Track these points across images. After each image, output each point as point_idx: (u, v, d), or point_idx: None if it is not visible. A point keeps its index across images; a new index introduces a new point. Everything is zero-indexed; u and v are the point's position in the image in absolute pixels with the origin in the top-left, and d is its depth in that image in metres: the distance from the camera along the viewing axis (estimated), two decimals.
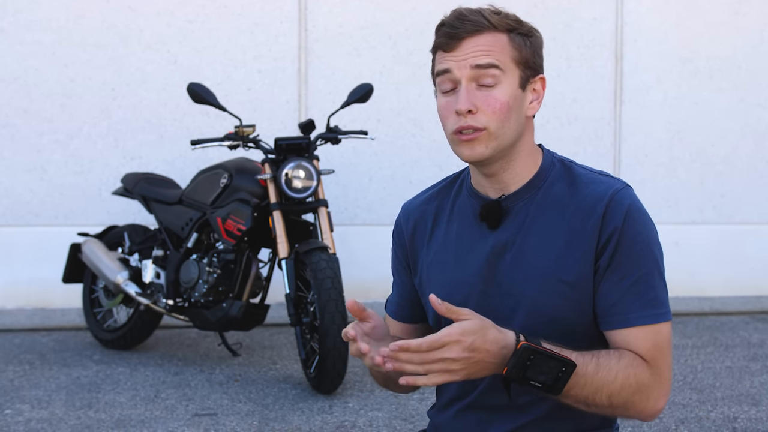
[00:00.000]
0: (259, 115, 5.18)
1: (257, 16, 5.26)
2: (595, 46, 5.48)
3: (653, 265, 1.53)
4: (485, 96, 1.52)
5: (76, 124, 5.18)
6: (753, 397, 3.63)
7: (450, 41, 1.53)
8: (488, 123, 1.52)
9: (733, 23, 5.56)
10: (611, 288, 1.51)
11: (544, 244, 1.55)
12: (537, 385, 1.43)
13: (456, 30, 1.53)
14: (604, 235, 1.51)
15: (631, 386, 1.48)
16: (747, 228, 5.64)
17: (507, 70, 1.53)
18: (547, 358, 1.43)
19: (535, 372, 1.43)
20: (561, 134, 5.44)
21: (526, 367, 1.43)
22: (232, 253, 3.93)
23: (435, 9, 5.33)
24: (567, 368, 1.44)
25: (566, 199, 1.56)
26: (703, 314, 5.15)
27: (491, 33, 1.53)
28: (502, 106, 1.52)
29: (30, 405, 3.52)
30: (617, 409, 1.50)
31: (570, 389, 1.46)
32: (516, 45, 1.54)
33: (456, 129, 1.53)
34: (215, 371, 3.99)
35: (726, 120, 5.60)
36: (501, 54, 1.53)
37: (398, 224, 1.74)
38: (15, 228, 5.21)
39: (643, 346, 1.50)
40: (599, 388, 1.47)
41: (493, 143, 1.53)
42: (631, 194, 1.55)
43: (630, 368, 1.49)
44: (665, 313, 1.52)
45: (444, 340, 1.38)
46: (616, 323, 1.52)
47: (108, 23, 5.16)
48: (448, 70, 1.53)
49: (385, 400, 3.57)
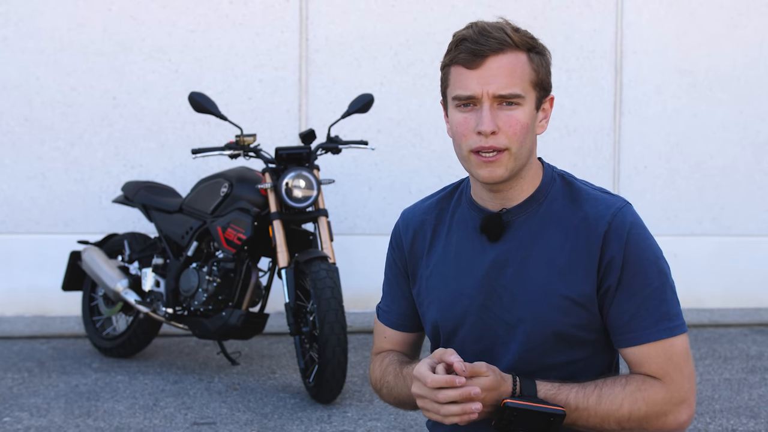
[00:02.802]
0: (260, 125, 5.19)
1: (258, 25, 5.28)
2: (594, 58, 5.50)
3: (662, 279, 1.54)
4: (507, 117, 1.51)
5: (77, 132, 5.19)
6: (751, 409, 3.63)
7: (474, 58, 1.50)
8: (509, 144, 1.52)
9: (732, 36, 5.58)
10: (622, 307, 1.52)
11: (546, 260, 1.56)
12: None
13: (480, 47, 1.50)
14: (608, 255, 1.52)
15: (641, 410, 1.49)
16: (746, 240, 5.65)
17: (527, 95, 1.53)
18: (531, 414, 1.45)
19: (521, 425, 1.46)
20: (561, 145, 5.45)
21: (510, 422, 1.46)
22: (232, 262, 3.94)
23: (436, 20, 5.36)
24: (555, 418, 1.46)
25: (568, 215, 1.57)
26: (701, 326, 5.16)
27: (513, 52, 1.52)
28: (523, 128, 1.53)
29: (29, 413, 3.52)
30: (633, 430, 1.51)
31: (575, 422, 1.49)
32: (534, 66, 1.54)
33: (476, 148, 1.52)
34: (214, 380, 3.99)
35: (725, 132, 5.61)
36: (522, 79, 1.52)
37: (397, 231, 1.74)
38: (15, 235, 5.21)
39: (656, 363, 1.51)
40: (605, 418, 1.49)
41: (512, 164, 1.54)
42: (632, 212, 1.56)
43: (637, 393, 1.49)
44: (679, 326, 1.53)
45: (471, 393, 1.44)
46: (630, 341, 1.53)
47: (110, 32, 5.18)
48: (472, 96, 1.51)
49: (384, 410, 3.57)
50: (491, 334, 1.58)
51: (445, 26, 5.30)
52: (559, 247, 1.55)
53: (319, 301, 3.52)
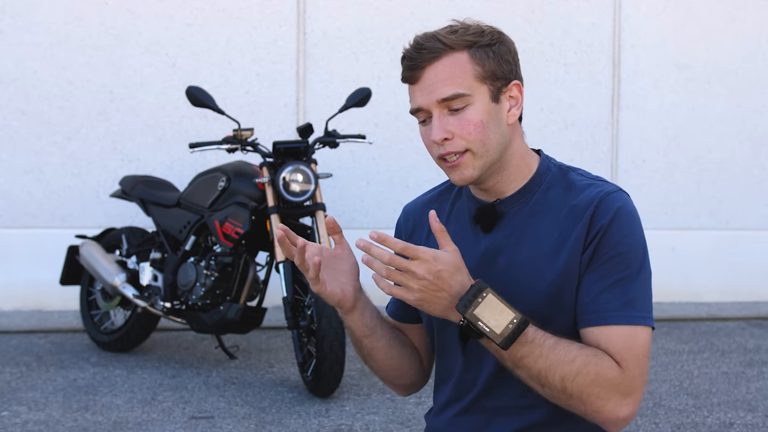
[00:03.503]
0: (258, 119, 5.19)
1: (256, 19, 5.27)
2: (592, 52, 5.49)
3: (637, 269, 1.50)
4: (458, 120, 1.52)
5: (74, 127, 5.19)
6: (749, 402, 3.64)
7: (412, 73, 1.54)
8: (468, 145, 1.53)
9: (730, 30, 5.58)
10: (590, 286, 1.50)
11: (535, 248, 1.56)
12: (485, 329, 1.41)
13: (414, 61, 1.53)
14: (591, 233, 1.51)
15: (589, 374, 1.44)
16: (743, 234, 5.66)
17: (474, 91, 1.52)
18: (499, 302, 1.41)
19: (484, 313, 1.41)
20: (558, 139, 5.45)
21: (476, 305, 1.41)
22: (229, 256, 3.93)
23: (433, 14, 5.35)
24: (518, 321, 1.41)
25: (560, 204, 1.57)
26: (699, 320, 5.16)
27: (450, 55, 1.52)
28: (476, 127, 1.52)
29: (27, 407, 3.52)
30: (572, 399, 1.45)
31: (522, 357, 1.44)
32: (478, 60, 1.53)
33: (438, 156, 1.56)
34: (212, 374, 3.99)
35: (723, 126, 5.61)
36: (463, 77, 1.51)
37: (398, 226, 1.77)
38: (12, 230, 5.21)
39: (614, 347, 1.46)
40: (553, 365, 1.43)
41: (479, 162, 1.54)
42: (624, 198, 1.54)
43: (592, 357, 1.45)
44: (644, 318, 1.49)
45: (418, 253, 1.40)
46: (591, 321, 1.49)
47: (106, 26, 5.17)
48: (419, 107, 1.54)
49: (381, 404, 3.57)
50: None
51: (443, 20, 5.26)
52: (548, 235, 1.55)
53: (317, 295, 3.52)
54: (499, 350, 1.44)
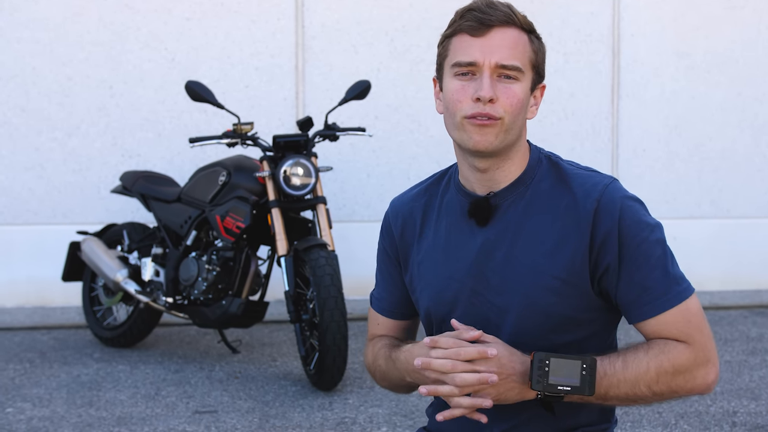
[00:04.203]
0: (257, 113, 5.18)
1: (254, 13, 5.26)
2: (592, 41, 5.48)
3: (663, 247, 1.54)
4: (505, 88, 1.53)
5: (74, 123, 5.18)
6: (752, 391, 3.64)
7: (480, 26, 1.52)
8: (504, 114, 1.53)
9: (729, 17, 5.56)
10: (631, 281, 1.52)
11: (534, 241, 1.55)
12: (567, 389, 1.45)
13: (488, 16, 1.52)
14: (601, 232, 1.52)
15: (668, 372, 1.49)
16: (745, 222, 5.65)
17: (526, 72, 1.55)
18: (562, 359, 1.45)
19: (558, 376, 1.45)
20: (558, 129, 5.44)
21: (547, 374, 1.44)
22: (231, 250, 3.93)
23: (432, 6, 5.33)
24: (587, 364, 1.45)
25: (555, 196, 1.57)
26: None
27: (518, 30, 1.55)
28: (519, 102, 1.54)
29: (31, 403, 3.53)
30: (665, 395, 1.51)
31: (607, 391, 1.49)
32: (534, 48, 1.56)
33: (471, 114, 1.52)
34: (215, 368, 4.00)
35: (723, 114, 5.60)
36: (523, 55, 1.54)
37: (386, 220, 1.75)
38: (14, 226, 5.21)
39: (676, 329, 1.51)
40: (635, 383, 1.49)
41: (502, 136, 1.54)
42: (619, 187, 1.56)
43: (661, 355, 1.50)
44: (688, 288, 1.54)
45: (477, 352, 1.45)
46: (646, 313, 1.52)
47: (105, 21, 5.16)
48: (473, 62, 1.52)
49: (385, 397, 3.58)
50: (483, 319, 1.58)
51: (442, 11, 5.27)
52: (547, 228, 1.55)
53: (319, 288, 3.52)
54: (585, 396, 1.48)
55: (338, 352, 3.52)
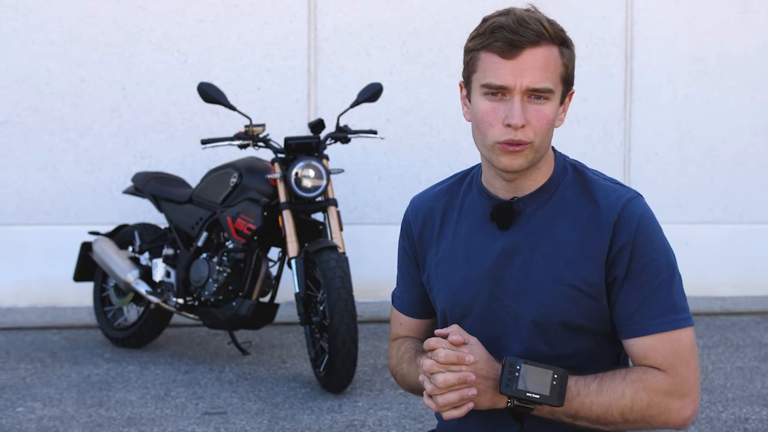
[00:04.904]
0: (269, 115, 5.19)
1: (267, 15, 5.27)
2: (604, 45, 5.46)
3: (670, 272, 1.53)
4: (536, 111, 1.50)
5: (87, 124, 5.21)
6: (764, 397, 3.61)
7: (511, 48, 1.48)
8: (534, 138, 1.51)
9: (743, 21, 5.54)
10: (629, 298, 1.51)
11: (555, 249, 1.55)
12: (535, 396, 1.44)
13: (519, 38, 1.48)
14: (617, 245, 1.51)
15: (643, 400, 1.48)
16: (757, 227, 5.62)
17: (556, 90, 1.53)
18: (533, 367, 1.44)
19: (528, 383, 1.44)
20: (571, 133, 5.43)
21: (517, 379, 1.44)
22: (242, 252, 3.94)
23: (444, 8, 5.33)
24: (558, 375, 1.44)
25: (578, 206, 1.56)
26: (713, 314, 5.14)
27: (548, 45, 1.51)
28: (549, 123, 1.52)
29: (42, 403, 3.54)
30: (638, 424, 1.49)
31: (578, 411, 1.48)
32: (565, 60, 1.54)
33: (503, 141, 1.50)
34: (225, 370, 4.00)
35: (736, 118, 5.57)
36: (554, 73, 1.51)
37: (406, 219, 1.74)
38: (26, 227, 5.23)
39: (661, 355, 1.49)
40: (608, 407, 1.47)
41: (532, 156, 1.53)
42: (643, 203, 1.55)
43: (638, 383, 1.48)
44: (686, 319, 1.52)
45: (463, 360, 1.46)
46: (635, 332, 1.51)
47: (119, 23, 5.18)
48: (504, 86, 1.49)
49: (394, 400, 3.57)
50: (499, 323, 1.58)
51: (454, 14, 5.27)
52: (568, 237, 1.55)
53: (329, 290, 3.52)
54: (555, 410, 1.48)
55: (348, 354, 3.52)
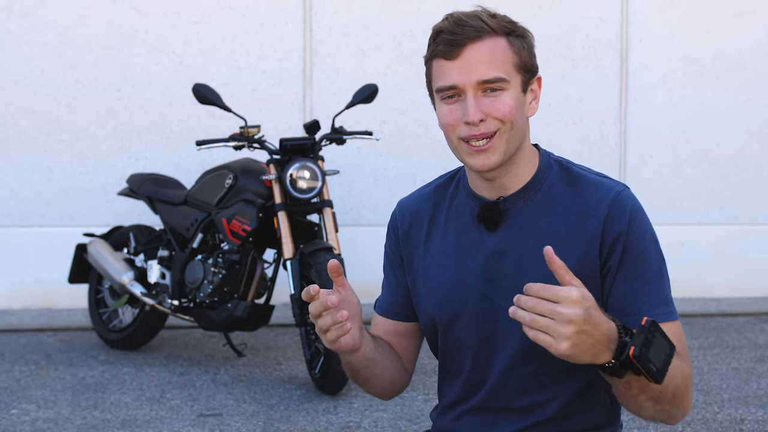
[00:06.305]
0: (264, 116, 5.19)
1: (262, 16, 5.26)
2: (600, 47, 5.47)
3: (660, 263, 1.53)
4: (492, 102, 1.50)
5: (81, 125, 5.20)
6: (760, 398, 3.62)
7: (452, 48, 1.50)
8: (501, 126, 1.51)
9: (738, 23, 5.55)
10: (624, 289, 1.51)
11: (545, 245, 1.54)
12: (652, 369, 1.30)
13: (457, 36, 1.50)
14: (610, 237, 1.51)
15: (686, 381, 1.45)
16: (753, 228, 5.63)
17: (511, 79, 1.52)
18: (662, 339, 1.32)
19: (655, 353, 1.31)
20: (566, 134, 5.43)
21: (651, 345, 1.30)
22: (237, 253, 3.93)
23: (440, 10, 5.29)
24: (672, 351, 1.34)
25: (567, 201, 1.56)
26: (708, 315, 5.14)
27: (492, 38, 1.51)
28: (511, 110, 1.51)
29: (36, 405, 3.53)
30: (672, 406, 1.43)
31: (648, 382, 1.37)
32: (515, 49, 1.53)
33: (465, 137, 1.51)
34: (220, 372, 3.99)
35: (732, 120, 5.58)
36: (503, 63, 1.51)
37: (393, 220, 1.73)
38: (21, 228, 5.22)
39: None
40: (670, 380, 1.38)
41: (504, 147, 1.52)
42: (631, 195, 1.55)
43: (683, 362, 1.45)
44: (674, 312, 1.53)
45: (560, 294, 1.27)
46: (633, 323, 1.48)
47: (113, 24, 5.17)
48: (453, 86, 1.50)
49: (390, 401, 3.57)
50: (491, 324, 1.57)
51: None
52: (558, 233, 1.54)
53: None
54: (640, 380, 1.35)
55: None
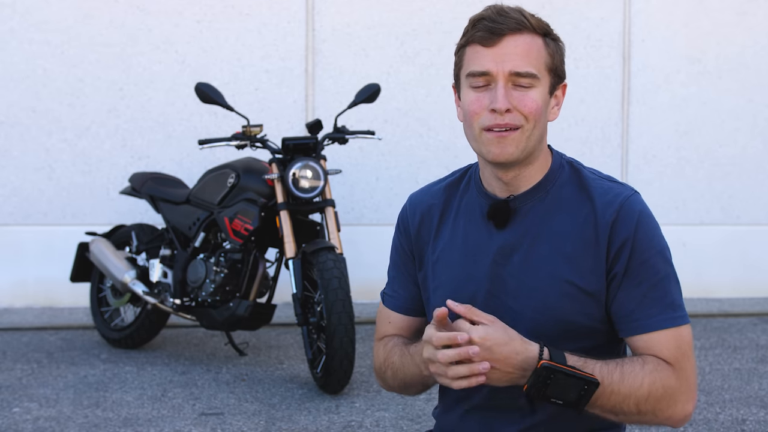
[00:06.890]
0: (267, 115, 5.19)
1: (265, 16, 5.27)
2: (602, 47, 5.47)
3: (668, 269, 1.53)
4: (521, 96, 1.51)
5: (84, 124, 5.20)
6: (762, 399, 3.61)
7: (491, 36, 1.51)
8: (523, 122, 1.52)
9: (741, 23, 5.54)
10: (629, 295, 1.51)
11: (553, 247, 1.55)
12: (558, 402, 1.43)
13: (498, 25, 1.51)
14: (616, 242, 1.51)
15: (658, 391, 1.48)
16: (755, 229, 5.63)
17: (542, 77, 1.53)
18: (568, 377, 1.42)
19: (556, 391, 1.42)
20: (568, 135, 5.43)
21: (546, 386, 1.42)
22: (239, 252, 3.93)
23: (442, 9, 5.33)
24: (589, 386, 1.43)
25: (576, 203, 1.56)
26: (710, 316, 5.14)
27: (530, 34, 1.53)
28: (537, 108, 1.52)
29: (38, 403, 3.53)
30: (645, 416, 1.49)
31: (596, 400, 1.46)
32: (549, 51, 1.55)
33: (488, 126, 1.52)
34: (222, 371, 4.00)
35: (734, 120, 5.58)
36: (537, 60, 1.52)
37: (404, 215, 1.72)
38: (23, 227, 5.22)
39: (667, 350, 1.50)
40: (626, 397, 1.46)
41: (523, 144, 1.53)
42: (640, 201, 1.56)
43: (655, 373, 1.48)
44: (684, 317, 1.53)
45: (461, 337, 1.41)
46: (639, 329, 1.52)
47: (116, 23, 5.18)
48: (486, 72, 1.51)
49: (391, 401, 3.57)
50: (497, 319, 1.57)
51: (452, 15, 5.27)
52: (567, 235, 1.55)
53: (327, 291, 3.52)
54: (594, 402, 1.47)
55: (345, 355, 3.51)
